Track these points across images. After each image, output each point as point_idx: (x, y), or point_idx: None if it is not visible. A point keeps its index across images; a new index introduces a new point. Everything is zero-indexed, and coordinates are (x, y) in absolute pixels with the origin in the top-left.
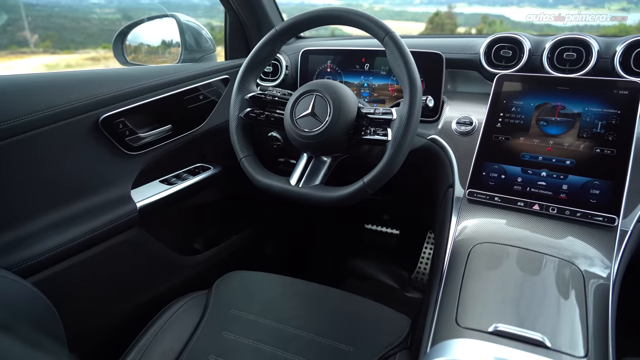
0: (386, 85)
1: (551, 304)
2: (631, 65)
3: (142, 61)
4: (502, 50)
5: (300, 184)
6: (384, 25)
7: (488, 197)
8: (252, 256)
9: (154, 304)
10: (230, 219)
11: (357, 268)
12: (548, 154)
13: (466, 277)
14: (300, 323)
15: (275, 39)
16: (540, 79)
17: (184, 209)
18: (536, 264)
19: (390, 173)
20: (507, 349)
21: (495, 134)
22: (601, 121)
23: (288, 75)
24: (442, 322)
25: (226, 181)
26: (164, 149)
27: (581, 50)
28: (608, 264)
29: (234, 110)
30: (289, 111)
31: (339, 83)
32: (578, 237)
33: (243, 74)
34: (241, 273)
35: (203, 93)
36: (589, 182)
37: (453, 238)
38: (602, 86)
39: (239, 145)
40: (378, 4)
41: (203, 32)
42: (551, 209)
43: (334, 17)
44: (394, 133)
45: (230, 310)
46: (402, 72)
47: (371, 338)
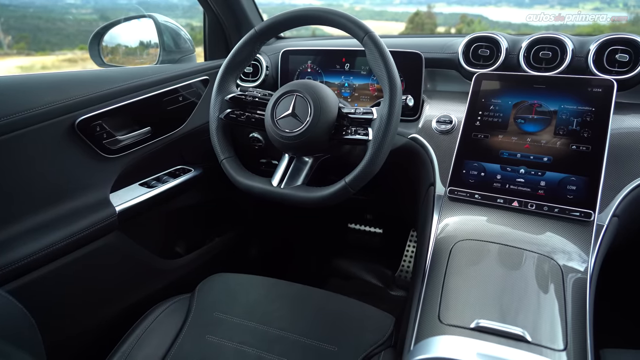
0: (367, 84)
1: (531, 299)
2: (604, 64)
3: (119, 62)
4: (480, 50)
5: (282, 185)
6: (363, 25)
7: (468, 195)
8: (235, 258)
9: (135, 310)
10: (212, 221)
11: (340, 267)
12: (526, 151)
13: (448, 274)
14: (284, 324)
15: (254, 40)
16: (517, 77)
17: (164, 212)
18: (516, 260)
19: (371, 172)
20: (488, 344)
21: (474, 132)
22: (577, 118)
23: (268, 75)
24: (425, 319)
25: (207, 183)
26: (143, 152)
27: (556, 49)
28: (585, 258)
29: (213, 112)
30: (270, 112)
31: (319, 83)
32: (556, 233)
33: (222, 75)
34: (224, 275)
35: (182, 94)
36: (566, 178)
37: (435, 236)
38: (576, 84)
39: (219, 146)
40: (358, 4)
41: (182, 33)
42: (530, 205)
43: (313, 17)
44: (375, 132)
45: (214, 313)
46: (381, 71)
47: (355, 337)
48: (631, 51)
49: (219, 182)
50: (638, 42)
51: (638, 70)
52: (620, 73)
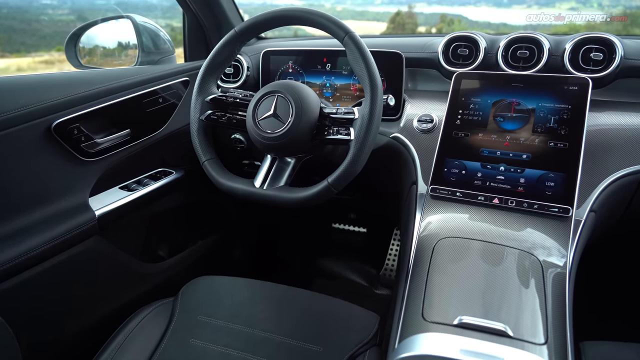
0: (348, 84)
1: (513, 295)
2: (579, 62)
3: (97, 64)
4: (460, 49)
5: (265, 186)
6: (343, 25)
7: (450, 193)
8: (219, 261)
9: (117, 315)
10: (195, 223)
11: (325, 267)
12: (505, 149)
13: (431, 272)
14: (269, 326)
15: (234, 40)
16: (496, 76)
17: (146, 216)
18: (498, 257)
19: (354, 172)
20: (471, 340)
21: (455, 131)
22: (554, 116)
23: (249, 76)
24: (409, 317)
25: (189, 185)
26: (122, 155)
27: (533, 48)
28: (564, 253)
29: (194, 113)
30: (251, 113)
31: (300, 83)
32: (536, 229)
33: (203, 76)
34: (208, 278)
35: (162, 96)
36: (545, 175)
37: (418, 234)
38: (553, 82)
39: (200, 148)
40: (340, 4)
41: (161, 34)
42: (510, 202)
43: (293, 17)
44: (357, 132)
45: (198, 317)
46: (362, 71)
47: (341, 337)
48: (605, 50)
49: (201, 184)
50: (611, 41)
51: (612, 69)
52: (595, 71)
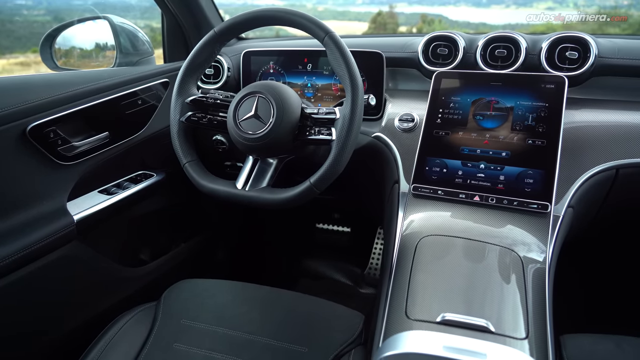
0: (329, 84)
1: (494, 291)
2: (556, 61)
3: (74, 66)
4: (439, 49)
5: (247, 187)
6: (323, 25)
7: (432, 191)
8: (202, 263)
9: (98, 322)
10: (177, 226)
11: (310, 268)
12: (485, 147)
13: (414, 270)
14: (253, 328)
15: (214, 41)
16: (474, 75)
17: (127, 219)
18: (479, 253)
19: (336, 172)
20: (454, 337)
21: (435, 130)
22: (532, 114)
23: (230, 77)
24: (392, 315)
25: (171, 188)
26: (101, 158)
27: (511, 47)
28: (544, 248)
29: (174, 115)
30: (232, 114)
31: (281, 84)
32: (516, 225)
33: (182, 77)
34: (191, 281)
35: (142, 97)
36: (524, 172)
37: (400, 232)
38: (531, 81)
39: (181, 150)
40: (321, 4)
41: (139, 35)
42: (490, 199)
43: (273, 17)
44: (338, 132)
45: (181, 321)
46: (343, 71)
47: (325, 337)
48: (580, 49)
49: (183, 186)
50: (586, 40)
51: (587, 67)
52: (570, 70)
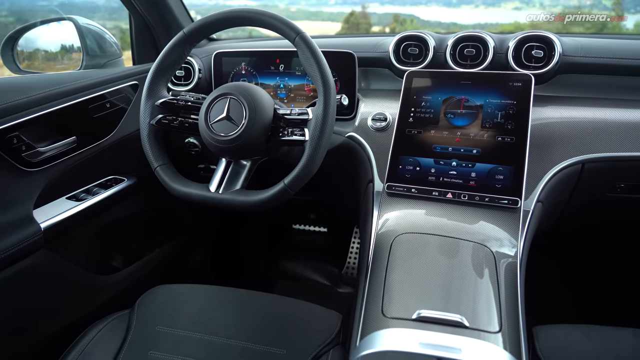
0: (302, 85)
1: (468, 286)
2: (522, 60)
3: (38, 68)
4: (410, 48)
5: (221, 190)
6: (294, 26)
7: (405, 189)
8: (177, 268)
9: (70, 332)
10: (150, 231)
11: (287, 269)
12: (457, 145)
13: (390, 268)
14: (230, 332)
15: (183, 42)
16: (445, 74)
17: (97, 226)
18: (453, 250)
19: (310, 173)
20: (429, 333)
21: (408, 129)
22: (501, 111)
23: (201, 78)
24: (369, 314)
25: (143, 192)
26: (69, 163)
27: (479, 46)
28: (515, 243)
29: (144, 118)
30: (203, 116)
31: (253, 85)
32: (488, 221)
33: (152, 79)
34: (166, 287)
35: (110, 100)
36: (494, 169)
37: (376, 231)
38: (499, 79)
39: (152, 154)
40: (294, 4)
41: (106, 36)
42: (462, 196)
43: (243, 18)
44: (311, 133)
45: (156, 328)
46: (314, 72)
47: (303, 338)
48: (545, 47)
49: (155, 190)
50: (551, 39)
51: (552, 65)
52: (537, 68)
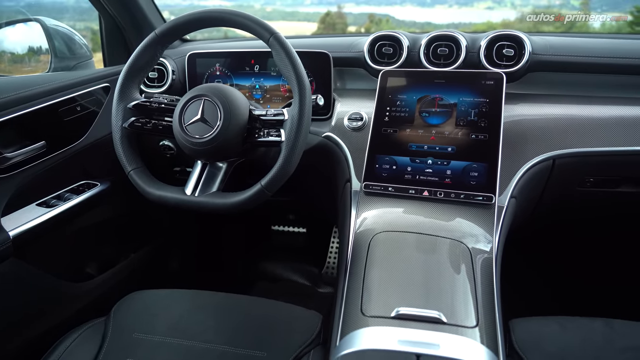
0: (278, 86)
1: (446, 283)
2: (494, 58)
3: (4, 71)
4: (384, 48)
5: (196, 193)
6: (268, 26)
7: (382, 188)
8: (154, 273)
9: (43, 342)
10: (126, 236)
11: (267, 271)
12: (432, 143)
13: (368, 267)
14: (209, 336)
15: (155, 43)
16: (419, 73)
17: (70, 232)
18: (431, 247)
19: (287, 173)
20: (408, 330)
21: (384, 128)
22: (474, 109)
23: (175, 80)
24: (348, 313)
25: (117, 197)
26: (38, 169)
27: (452, 45)
28: (490, 238)
29: (116, 121)
30: (177, 118)
31: (227, 86)
32: (464, 218)
33: (123, 82)
34: (142, 293)
35: (81, 104)
36: (469, 166)
37: (354, 230)
38: (471, 78)
39: (125, 157)
40: (269, 4)
41: (76, 37)
42: (439, 193)
43: (215, 19)
44: (287, 133)
45: (133, 335)
46: (289, 72)
47: (284, 339)
48: (515, 46)
49: (130, 195)
50: (521, 38)
51: (522, 64)
52: (508, 66)
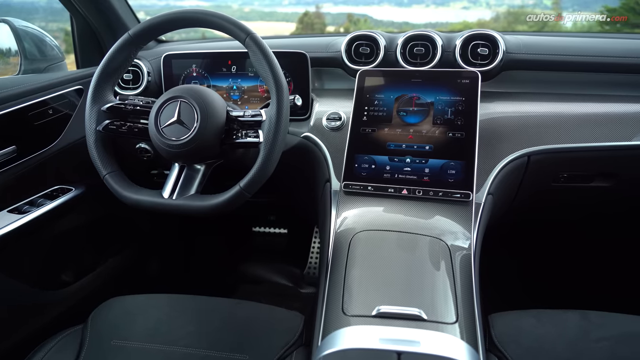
0: (255, 86)
1: (426, 280)
2: (469, 57)
3: None
4: (361, 47)
5: (174, 196)
6: (243, 26)
7: (362, 187)
8: (134, 279)
9: (18, 352)
10: (103, 241)
11: (249, 273)
12: (410, 142)
13: (349, 266)
14: (190, 341)
15: (129, 44)
16: (396, 72)
17: (45, 239)
18: (411, 245)
19: (266, 174)
20: (389, 328)
21: (362, 127)
22: (450, 108)
23: (151, 82)
24: (330, 313)
25: (93, 201)
26: (9, 174)
27: (428, 45)
28: (468, 235)
29: (89, 124)
30: (153, 120)
31: (204, 87)
32: (443, 215)
33: (96, 84)
34: (121, 299)
35: (53, 107)
36: (446, 164)
37: (334, 230)
38: (447, 76)
39: (100, 161)
40: (247, 5)
41: (47, 39)
42: (417, 191)
43: (190, 19)
44: (265, 134)
45: (112, 342)
46: (266, 73)
47: (266, 342)
48: (490, 45)
49: (106, 199)
50: (495, 37)
51: (496, 62)
52: (482, 65)
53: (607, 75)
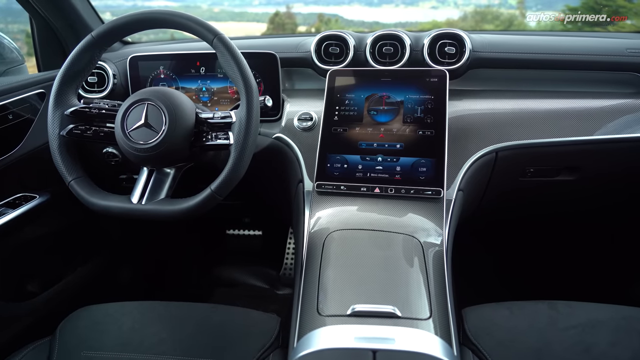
0: (225, 88)
1: (400, 278)
2: (437, 56)
3: None
4: (331, 47)
5: (143, 201)
6: (211, 27)
7: (335, 187)
8: (104, 287)
9: None
10: (71, 250)
11: (224, 276)
12: (381, 140)
13: (323, 266)
14: (164, 348)
15: (92, 46)
16: (365, 72)
17: (8, 248)
18: (384, 243)
19: (237, 177)
20: (364, 327)
21: (334, 127)
22: (420, 106)
23: (117, 84)
24: (305, 314)
25: (59, 209)
26: None
27: (397, 44)
28: (440, 232)
29: (52, 129)
30: (120, 124)
31: (171, 89)
32: (415, 212)
33: (59, 87)
34: (90, 308)
35: (13, 111)
36: (417, 162)
37: (308, 231)
38: (416, 75)
39: (64, 167)
40: (217, 5)
41: (5, 41)
42: (389, 189)
43: (156, 20)
44: (236, 136)
45: (82, 353)
46: (235, 74)
47: (242, 345)
48: (457, 44)
49: (72, 206)
50: (461, 36)
51: (463, 61)
52: (450, 63)
53: (570, 72)
